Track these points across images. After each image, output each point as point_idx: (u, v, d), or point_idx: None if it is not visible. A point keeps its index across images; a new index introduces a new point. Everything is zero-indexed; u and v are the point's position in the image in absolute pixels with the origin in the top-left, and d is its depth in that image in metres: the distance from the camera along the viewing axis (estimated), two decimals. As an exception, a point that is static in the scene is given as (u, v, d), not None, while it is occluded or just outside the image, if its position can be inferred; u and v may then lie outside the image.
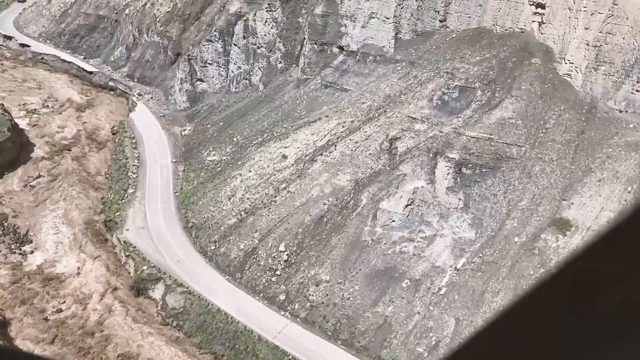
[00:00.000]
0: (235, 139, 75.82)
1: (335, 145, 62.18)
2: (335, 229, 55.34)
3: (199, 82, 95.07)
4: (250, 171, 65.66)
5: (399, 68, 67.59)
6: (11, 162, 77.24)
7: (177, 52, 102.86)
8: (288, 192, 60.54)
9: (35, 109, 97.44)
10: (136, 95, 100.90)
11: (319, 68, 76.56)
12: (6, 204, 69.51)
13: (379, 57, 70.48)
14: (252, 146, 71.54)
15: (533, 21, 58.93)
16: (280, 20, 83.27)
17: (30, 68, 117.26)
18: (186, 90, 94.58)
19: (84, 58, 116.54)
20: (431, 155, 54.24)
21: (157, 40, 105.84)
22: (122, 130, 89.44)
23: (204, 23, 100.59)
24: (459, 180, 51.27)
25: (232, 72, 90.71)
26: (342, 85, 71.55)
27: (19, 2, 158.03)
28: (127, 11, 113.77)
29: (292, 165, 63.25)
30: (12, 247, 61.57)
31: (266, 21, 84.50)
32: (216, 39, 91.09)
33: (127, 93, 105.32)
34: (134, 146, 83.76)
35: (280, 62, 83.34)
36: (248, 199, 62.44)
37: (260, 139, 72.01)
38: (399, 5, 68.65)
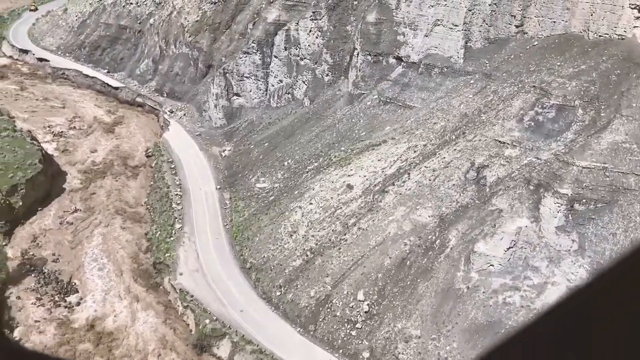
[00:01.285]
0: (286, 163, 69.33)
1: (409, 174, 55.49)
2: (421, 274, 48.84)
3: (235, 97, 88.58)
4: (311, 203, 59.21)
5: (471, 81, 60.50)
6: (44, 196, 71.56)
7: (209, 63, 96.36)
8: (359, 229, 54.06)
9: (61, 132, 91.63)
10: (168, 113, 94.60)
11: (373, 81, 69.70)
12: (44, 245, 63.79)
13: (446, 69, 63.41)
14: (308, 172, 65.03)
15: (635, 27, 51.54)
16: (327, 29, 76.28)
17: (51, 84, 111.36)
18: (222, 106, 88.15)
19: (108, 72, 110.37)
20: (531, 187, 47.34)
21: (186, 52, 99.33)
22: (158, 153, 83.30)
23: (236, 32, 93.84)
24: (570, 218, 44.41)
25: (273, 85, 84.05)
26: (404, 102, 64.66)
27: (30, 10, 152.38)
28: (151, 21, 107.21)
29: (360, 197, 56.71)
30: (56, 298, 55.78)
31: (310, 30, 77.54)
32: (254, 51, 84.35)
33: (156, 109, 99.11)
34: (173, 172, 77.57)
35: (327, 75, 76.54)
36: (313, 236, 56.06)
37: (315, 164, 65.47)
38: (470, 10, 61.38)
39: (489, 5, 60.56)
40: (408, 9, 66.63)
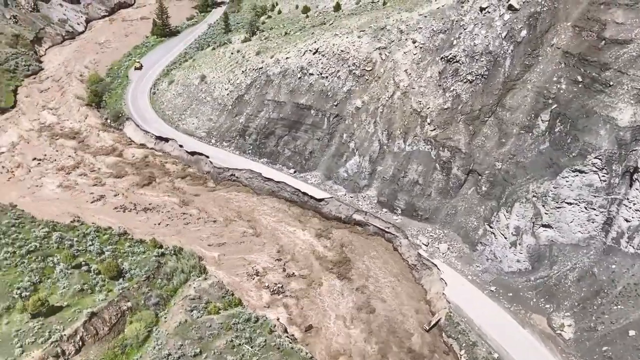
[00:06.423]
0: None
1: None
2: None
3: (542, 229, 59.49)
4: None
5: None
6: None
7: (469, 168, 67.49)
8: None
9: (279, 286, 63.83)
10: (423, 246, 66.12)
11: None
12: None
13: None
14: None
15: None
16: None
17: (218, 192, 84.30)
18: (527, 245, 59.17)
19: (295, 172, 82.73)
20: None
21: (426, 150, 70.57)
22: (460, 334, 54.69)
23: (514, 124, 64.46)
24: None
25: (627, 221, 54.33)
26: None
27: (136, 69, 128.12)
28: (357, 103, 78.67)
29: None
30: None
31: None
32: (595, 169, 54.93)
33: (389, 232, 70.84)
34: (516, 384, 49.07)
35: None
36: None
37: None
38: None
39: None
40: None
